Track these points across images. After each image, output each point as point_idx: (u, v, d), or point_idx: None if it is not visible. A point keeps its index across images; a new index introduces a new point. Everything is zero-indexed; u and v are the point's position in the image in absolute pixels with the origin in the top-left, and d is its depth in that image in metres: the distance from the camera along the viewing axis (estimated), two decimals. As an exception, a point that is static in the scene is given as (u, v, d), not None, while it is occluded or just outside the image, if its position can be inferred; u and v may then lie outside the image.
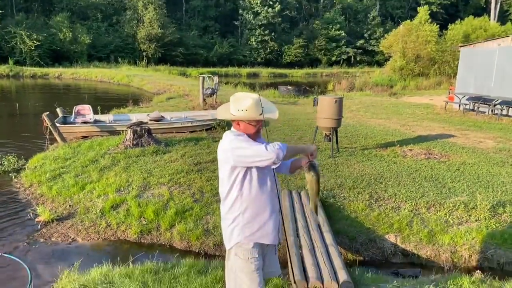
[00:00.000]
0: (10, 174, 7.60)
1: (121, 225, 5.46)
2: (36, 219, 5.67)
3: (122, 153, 8.03)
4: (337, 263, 3.89)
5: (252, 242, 2.52)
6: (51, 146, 9.35)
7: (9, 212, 6.02)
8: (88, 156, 7.96)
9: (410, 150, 8.45)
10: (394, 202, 5.69)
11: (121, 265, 4.10)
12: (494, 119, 12.92)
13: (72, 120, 10.82)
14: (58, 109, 10.93)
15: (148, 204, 5.74)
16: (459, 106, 14.67)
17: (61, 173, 7.21)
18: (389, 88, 24.72)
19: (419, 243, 4.90)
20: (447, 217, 5.29)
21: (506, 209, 5.43)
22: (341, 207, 5.61)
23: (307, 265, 3.85)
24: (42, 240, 5.19)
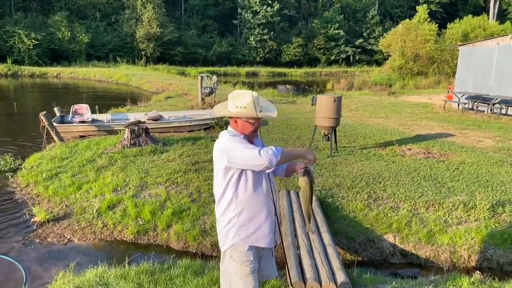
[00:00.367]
0: (7, 174, 7.55)
1: (118, 226, 5.41)
2: (32, 220, 5.62)
3: (120, 153, 7.98)
4: (335, 264, 3.85)
5: (248, 245, 2.47)
6: (49, 146, 9.31)
7: (5, 213, 5.97)
8: (85, 156, 7.91)
9: (409, 149, 8.41)
10: (393, 202, 5.66)
11: (117, 266, 4.06)
12: (493, 118, 12.89)
13: (70, 120, 10.76)
14: (56, 109, 10.87)
15: (145, 204, 5.69)
16: (458, 105, 14.64)
17: (58, 173, 7.15)
18: (388, 87, 24.67)
19: (418, 243, 4.86)
20: (446, 217, 5.25)
21: (506, 209, 5.39)
22: (340, 207, 5.57)
23: (305, 266, 3.80)
24: (38, 241, 5.14)
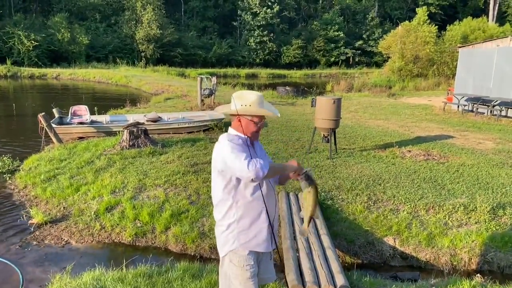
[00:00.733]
0: (5, 176, 7.51)
1: (116, 228, 5.37)
2: (29, 222, 5.59)
3: (118, 154, 7.94)
4: (335, 267, 3.81)
5: (248, 250, 2.44)
6: (47, 147, 9.27)
7: (2, 215, 5.94)
8: (84, 157, 7.87)
9: (409, 151, 8.38)
10: (393, 204, 5.62)
11: (114, 269, 4.02)
12: (493, 120, 12.86)
13: (69, 121, 10.72)
14: (55, 110, 10.84)
15: (143, 206, 5.66)
16: (458, 107, 14.62)
17: (56, 175, 7.12)
18: (388, 89, 24.66)
19: (418, 246, 4.83)
20: (447, 219, 5.22)
21: (506, 211, 5.35)
22: (339, 209, 5.53)
23: (304, 269, 3.77)
24: (35, 243, 5.11)
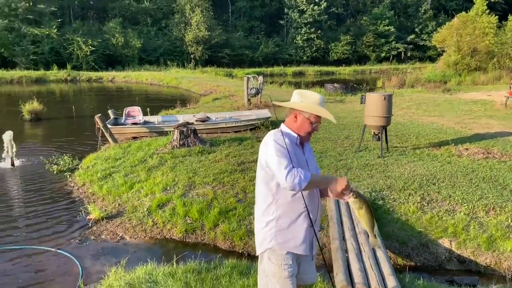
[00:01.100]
0: (65, 174, 7.98)
1: (167, 224, 5.54)
2: (87, 217, 5.90)
3: (169, 153, 8.19)
4: (386, 269, 3.68)
5: (286, 250, 2.40)
6: (103, 147, 9.73)
7: (63, 210, 6.32)
8: (137, 156, 8.19)
9: (466, 149, 7.93)
10: (449, 205, 5.34)
11: (165, 264, 4.14)
12: (562, 115, 11.87)
13: (123, 122, 11.21)
14: (110, 111, 11.39)
15: (193, 204, 5.78)
16: (522, 102, 13.63)
17: (112, 173, 7.46)
18: (443, 84, 23.50)
19: (477, 249, 4.55)
20: (509, 222, 4.88)
21: None
22: (391, 210, 5.34)
23: (353, 270, 3.67)
24: (93, 238, 5.38)
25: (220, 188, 6.26)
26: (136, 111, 11.56)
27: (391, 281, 3.46)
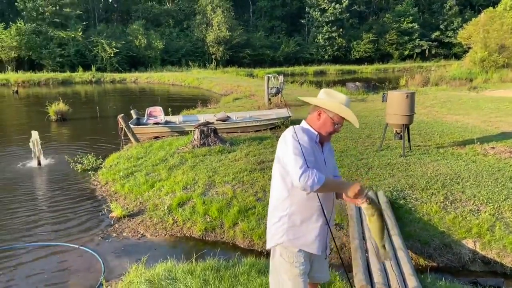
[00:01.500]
0: (89, 172, 8.17)
1: (187, 222, 5.59)
2: (110, 215, 6.02)
3: (190, 152, 8.27)
4: (406, 269, 3.61)
5: (297, 247, 2.38)
6: (126, 146, 9.91)
7: (87, 208, 6.46)
8: (159, 156, 8.31)
9: (492, 148, 7.70)
10: (473, 205, 5.20)
11: (185, 262, 4.18)
12: None
13: (145, 122, 11.39)
14: (132, 111, 11.59)
15: (213, 202, 5.82)
16: (552, 99, 13.14)
17: (133, 172, 7.59)
18: (468, 82, 22.89)
19: (503, 250, 4.40)
20: (537, 223, 4.71)
21: None
22: (412, 209, 5.24)
23: (373, 270, 3.62)
24: (115, 235, 5.48)
25: (240, 187, 6.28)
26: (158, 111, 11.72)
27: (412, 281, 3.39)
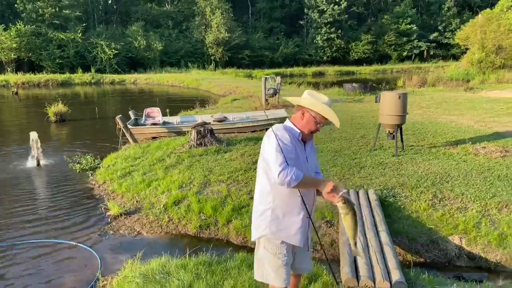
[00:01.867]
0: (87, 172, 8.29)
1: (182, 220, 5.73)
2: (107, 213, 6.15)
3: (187, 152, 8.40)
4: (392, 263, 3.74)
5: (280, 239, 2.52)
6: (124, 146, 10.04)
7: (85, 207, 6.59)
8: (156, 156, 8.44)
9: (484, 148, 7.84)
10: (461, 202, 5.33)
11: (179, 257, 4.31)
12: None
13: (143, 122, 11.52)
14: (131, 112, 11.72)
15: (207, 200, 5.96)
16: (546, 100, 13.28)
17: (131, 171, 7.72)
18: (466, 83, 23.04)
19: (487, 246, 4.54)
20: (522, 219, 4.84)
21: None
22: (402, 207, 5.38)
23: (360, 264, 3.75)
24: (112, 232, 5.62)
25: (234, 186, 6.41)
26: (156, 112, 11.85)
27: (396, 275, 3.52)
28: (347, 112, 13.05)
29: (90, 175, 8.13)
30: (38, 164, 9.05)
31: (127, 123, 10.13)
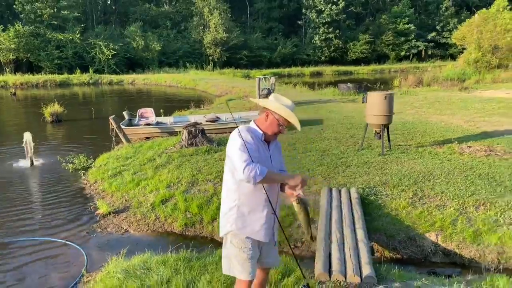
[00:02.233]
0: (80, 172, 8.42)
1: (168, 218, 5.85)
2: (96, 212, 6.27)
3: (178, 152, 8.53)
4: (364, 259, 3.87)
5: (245, 234, 2.64)
6: (117, 147, 10.16)
7: (75, 206, 6.72)
8: (147, 155, 8.56)
9: (469, 147, 7.96)
10: (440, 200, 5.46)
11: (160, 254, 4.44)
12: None
13: (136, 123, 11.65)
14: (125, 113, 11.86)
15: (194, 199, 6.08)
16: (537, 99, 13.40)
17: (121, 171, 7.84)
18: (461, 82, 23.17)
19: (462, 242, 4.66)
20: (498, 217, 4.96)
21: None
22: (382, 205, 5.50)
23: (333, 260, 3.88)
24: (99, 231, 5.74)
25: (221, 185, 6.52)
26: (149, 113, 11.99)
27: (367, 269, 3.65)
28: (340, 112, 13.18)
29: (82, 175, 8.25)
30: (32, 164, 9.17)
31: (121, 124, 10.25)
